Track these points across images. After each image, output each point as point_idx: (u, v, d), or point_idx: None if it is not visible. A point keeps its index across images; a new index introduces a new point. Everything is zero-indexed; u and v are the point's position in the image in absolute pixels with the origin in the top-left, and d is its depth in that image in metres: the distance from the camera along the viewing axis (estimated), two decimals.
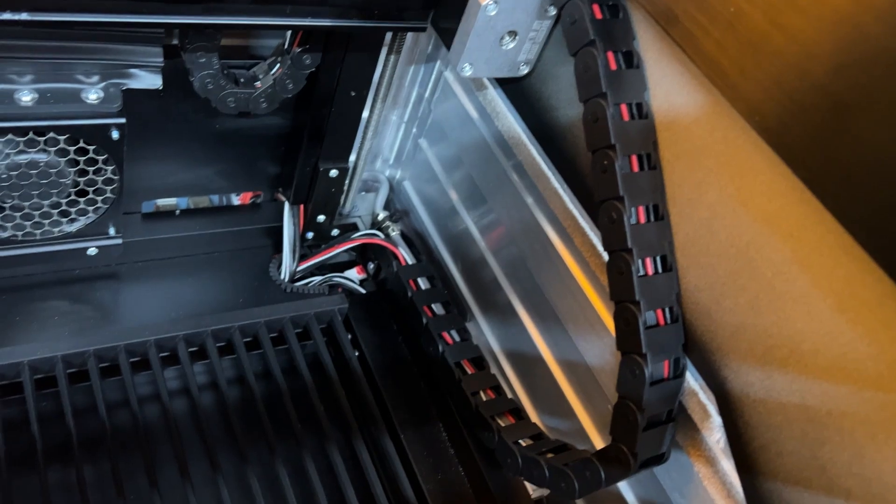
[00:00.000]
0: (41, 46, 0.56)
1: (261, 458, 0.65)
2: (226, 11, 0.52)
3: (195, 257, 0.78)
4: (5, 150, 0.59)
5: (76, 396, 0.64)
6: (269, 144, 0.74)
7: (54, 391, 0.64)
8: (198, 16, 0.51)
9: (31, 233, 0.66)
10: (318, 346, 0.74)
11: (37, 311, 0.69)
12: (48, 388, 0.64)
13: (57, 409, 0.63)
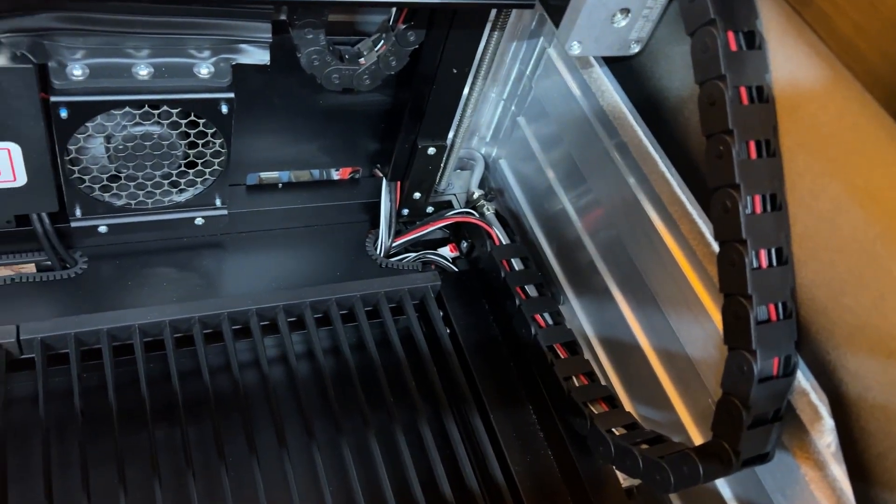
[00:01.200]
0: (158, 22, 0.57)
1: (354, 428, 0.67)
2: None
3: (295, 230, 0.80)
4: (122, 122, 0.61)
5: (181, 360, 0.67)
6: (370, 121, 0.75)
7: (162, 354, 0.67)
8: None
9: (144, 202, 0.69)
10: (411, 321, 0.75)
11: (147, 276, 0.72)
12: (156, 351, 0.67)
13: (164, 371, 0.66)
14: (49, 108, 0.57)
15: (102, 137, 0.62)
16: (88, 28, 0.55)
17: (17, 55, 0.54)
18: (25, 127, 0.58)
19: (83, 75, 0.57)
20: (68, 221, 0.67)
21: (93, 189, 0.66)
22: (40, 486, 0.57)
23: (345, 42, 0.66)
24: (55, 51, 0.56)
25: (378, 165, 0.80)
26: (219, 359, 0.69)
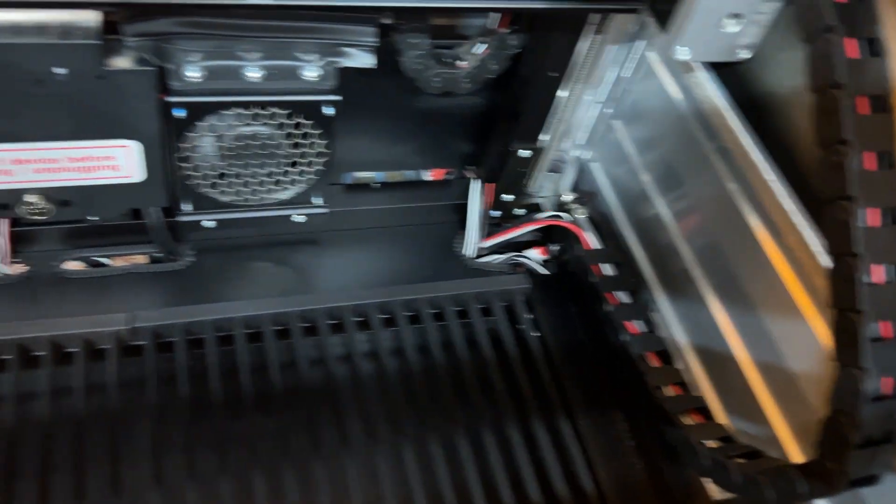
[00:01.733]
0: (269, 26, 0.59)
1: (441, 427, 0.67)
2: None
3: (387, 229, 0.82)
4: (233, 122, 0.64)
5: (279, 352, 0.69)
6: (464, 123, 0.76)
7: (260, 346, 0.69)
8: None
9: (248, 199, 0.71)
10: (500, 323, 0.75)
11: (248, 270, 0.75)
12: (255, 342, 0.70)
13: (262, 362, 0.68)
14: (166, 108, 0.60)
15: (213, 137, 0.65)
16: (206, 32, 0.58)
17: (139, 58, 0.57)
18: (144, 126, 0.61)
19: (199, 77, 0.60)
20: (177, 216, 0.70)
21: (201, 185, 0.69)
22: (149, 466, 0.60)
23: (444, 45, 0.67)
24: (173, 54, 0.59)
25: (470, 167, 0.80)
26: (314, 352, 0.71)
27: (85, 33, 0.54)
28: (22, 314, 0.66)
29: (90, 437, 0.60)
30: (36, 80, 0.55)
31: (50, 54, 0.54)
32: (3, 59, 0.53)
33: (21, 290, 0.68)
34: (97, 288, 0.70)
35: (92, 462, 0.59)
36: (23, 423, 0.60)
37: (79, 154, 0.61)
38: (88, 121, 0.59)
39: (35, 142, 0.59)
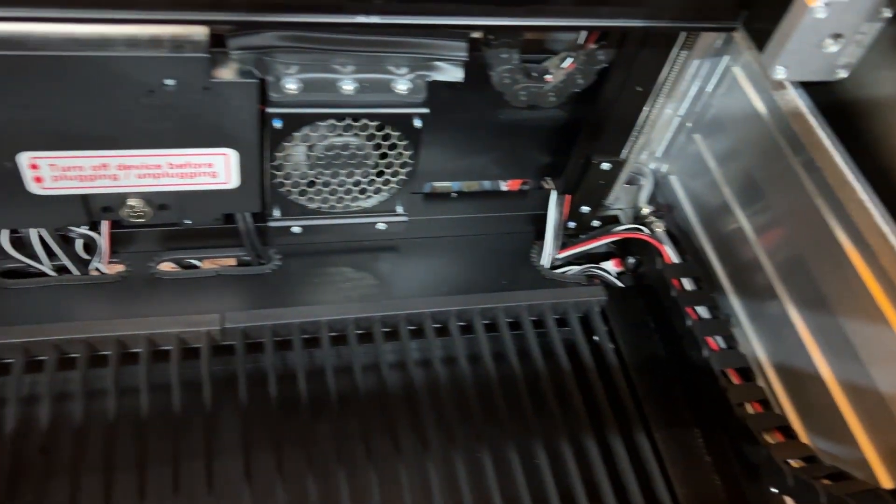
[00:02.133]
0: (364, 41, 0.61)
1: (519, 435, 0.68)
2: (548, 13, 0.54)
3: (463, 238, 0.83)
4: (325, 132, 0.66)
5: (362, 355, 0.71)
6: (545, 135, 0.76)
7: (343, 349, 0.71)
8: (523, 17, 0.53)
9: (334, 206, 0.74)
10: (576, 334, 0.76)
11: (331, 275, 0.77)
12: (339, 345, 0.72)
13: (346, 364, 0.70)
14: (265, 118, 0.63)
15: (305, 146, 0.67)
16: (306, 46, 0.60)
17: (242, 70, 0.60)
18: (243, 135, 0.64)
19: (296, 89, 0.62)
20: (267, 221, 0.73)
21: (291, 193, 0.71)
22: (239, 462, 0.62)
23: (531, 60, 0.68)
24: (273, 67, 0.61)
25: (548, 178, 0.81)
26: (394, 356, 0.72)
27: (195, 47, 0.57)
28: (119, 312, 0.69)
29: (184, 432, 0.63)
30: (147, 91, 0.58)
31: (162, 66, 0.56)
32: (119, 70, 0.56)
33: (118, 289, 0.72)
34: (188, 289, 0.73)
35: (186, 456, 0.62)
36: (122, 417, 0.63)
37: (180, 161, 0.64)
38: (192, 129, 0.62)
39: (141, 149, 0.62)
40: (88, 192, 0.64)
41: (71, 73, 0.55)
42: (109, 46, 0.55)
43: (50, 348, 0.65)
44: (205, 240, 0.75)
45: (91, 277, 0.72)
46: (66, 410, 0.63)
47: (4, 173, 0.61)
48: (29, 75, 0.54)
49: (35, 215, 0.65)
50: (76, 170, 0.62)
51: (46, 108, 0.57)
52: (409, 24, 0.52)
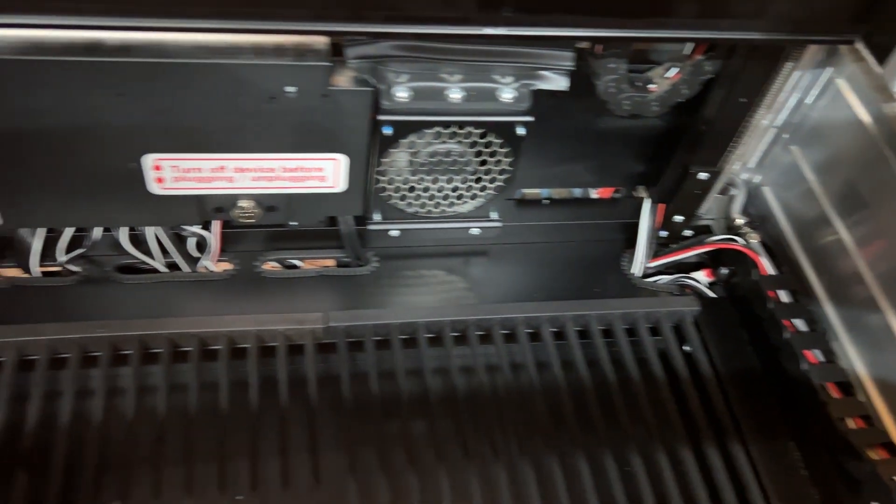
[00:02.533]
0: (473, 50, 0.63)
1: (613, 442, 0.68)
2: (669, 26, 0.54)
3: (553, 244, 0.84)
4: (430, 139, 0.68)
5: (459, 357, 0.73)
6: (641, 144, 0.77)
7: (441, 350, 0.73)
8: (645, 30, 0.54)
9: (431, 211, 0.75)
10: (669, 344, 0.76)
11: (426, 278, 0.79)
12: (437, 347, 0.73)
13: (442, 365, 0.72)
14: (376, 125, 0.65)
15: (409, 152, 0.69)
16: (419, 56, 0.62)
17: (358, 78, 0.62)
18: (354, 141, 0.66)
19: (406, 98, 0.64)
20: (367, 224, 0.75)
21: (392, 197, 0.73)
22: (343, 456, 0.64)
23: (635, 69, 0.68)
24: (386, 75, 0.63)
25: (640, 186, 0.81)
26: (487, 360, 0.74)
27: (316, 56, 0.59)
28: (227, 309, 0.72)
29: (292, 425, 0.65)
30: (269, 98, 0.60)
31: (285, 74, 0.59)
32: (245, 77, 0.58)
33: (225, 286, 0.75)
34: (292, 288, 0.75)
35: (295, 449, 0.64)
36: (233, 409, 0.66)
37: (293, 165, 0.67)
38: (307, 135, 0.64)
39: (257, 152, 0.65)
40: (204, 192, 0.67)
41: (201, 79, 0.58)
42: (237, 54, 0.58)
43: (164, 342, 0.68)
44: (307, 241, 0.78)
45: (200, 275, 0.75)
46: (179, 401, 0.66)
47: (129, 174, 0.64)
48: (163, 81, 0.57)
49: (154, 214, 0.68)
50: (195, 171, 0.65)
51: (175, 112, 0.60)
52: (534, 36, 0.53)
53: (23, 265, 0.71)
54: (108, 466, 0.62)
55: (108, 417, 0.64)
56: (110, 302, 0.71)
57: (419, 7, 0.50)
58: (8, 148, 0.60)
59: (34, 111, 0.58)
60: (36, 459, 0.61)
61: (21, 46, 0.55)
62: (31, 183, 0.63)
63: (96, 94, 0.57)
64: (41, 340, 0.66)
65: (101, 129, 0.60)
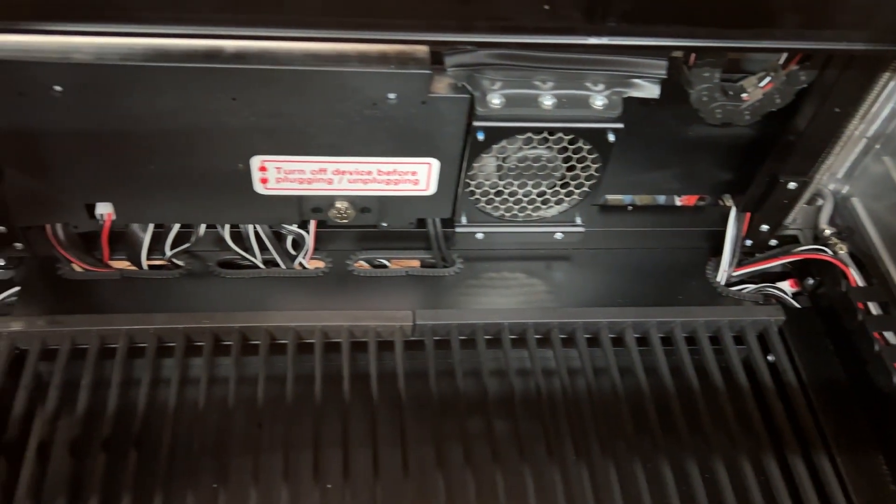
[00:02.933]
0: (567, 59, 0.64)
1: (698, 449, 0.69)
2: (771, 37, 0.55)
3: (636, 251, 0.84)
4: (521, 145, 0.70)
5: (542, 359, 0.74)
6: (729, 152, 0.77)
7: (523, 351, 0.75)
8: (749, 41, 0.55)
9: (516, 214, 0.77)
10: (753, 353, 0.76)
11: (508, 280, 0.81)
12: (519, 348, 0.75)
13: (525, 366, 0.74)
14: (469, 131, 0.67)
15: (499, 157, 0.71)
16: (514, 64, 0.63)
17: (454, 85, 0.64)
18: (448, 146, 0.68)
19: (500, 104, 0.65)
20: (453, 226, 0.77)
21: (479, 201, 0.75)
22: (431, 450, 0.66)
23: (727, 78, 0.68)
24: (481, 83, 0.65)
25: (726, 195, 0.81)
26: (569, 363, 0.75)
27: (419, 64, 0.61)
28: (321, 305, 0.75)
29: (382, 419, 0.68)
30: (371, 104, 0.63)
31: (388, 81, 0.61)
32: (350, 84, 0.61)
33: (318, 283, 0.78)
34: (381, 286, 0.78)
35: (385, 442, 0.66)
36: (326, 400, 0.68)
37: (388, 168, 0.69)
38: (404, 140, 0.67)
39: (355, 156, 0.68)
40: (304, 193, 0.70)
41: (309, 85, 0.61)
42: (344, 62, 0.61)
43: (263, 334, 0.71)
44: (395, 241, 0.80)
45: (295, 271, 0.78)
46: (276, 391, 0.69)
47: (237, 174, 0.68)
48: (274, 86, 0.61)
49: (256, 212, 0.72)
50: (298, 173, 0.68)
51: (284, 116, 0.63)
52: (635, 46, 0.55)
53: (132, 258, 0.76)
54: (209, 451, 0.66)
55: (209, 404, 0.68)
56: (211, 295, 0.75)
57: (527, 18, 0.52)
58: (128, 148, 0.65)
59: (155, 114, 0.62)
60: (145, 440, 0.65)
61: (147, 54, 0.59)
62: (145, 181, 0.68)
63: (213, 98, 0.61)
64: (150, 329, 0.70)
65: (214, 132, 0.64)
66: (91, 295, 0.74)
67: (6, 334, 0.69)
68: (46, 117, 0.61)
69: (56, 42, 0.58)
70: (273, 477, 0.64)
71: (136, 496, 0.62)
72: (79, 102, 0.60)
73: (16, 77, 0.58)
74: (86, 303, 0.73)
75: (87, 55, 0.58)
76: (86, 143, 0.64)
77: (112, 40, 0.59)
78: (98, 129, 0.62)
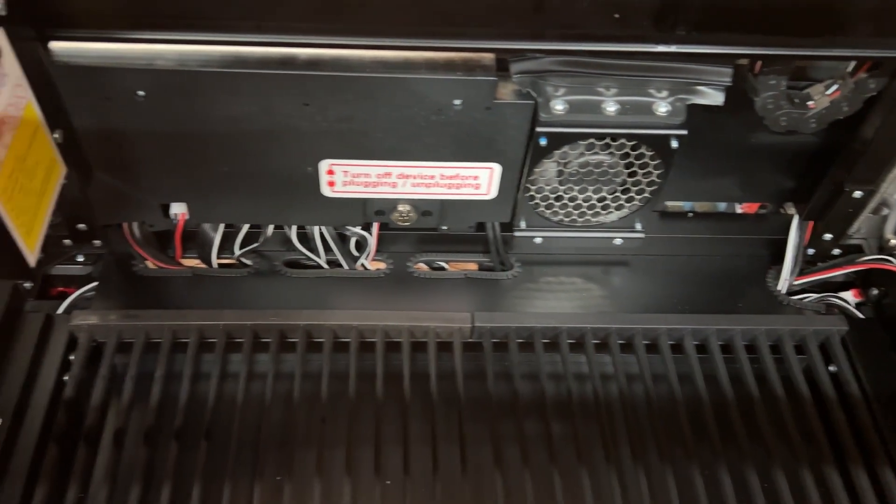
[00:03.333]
0: (632, 66, 0.65)
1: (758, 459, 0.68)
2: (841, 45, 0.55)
3: (696, 257, 0.84)
4: (583, 150, 0.70)
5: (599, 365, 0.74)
6: (793, 160, 0.76)
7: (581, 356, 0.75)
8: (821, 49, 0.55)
9: (575, 220, 0.78)
10: (815, 363, 0.75)
11: (566, 285, 0.81)
12: (577, 353, 0.76)
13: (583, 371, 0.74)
14: (532, 136, 0.68)
15: (560, 162, 0.72)
16: (579, 71, 0.64)
17: (518, 91, 0.65)
18: (511, 151, 0.69)
19: (563, 110, 0.66)
20: (512, 231, 0.78)
21: (539, 205, 0.76)
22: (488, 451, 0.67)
23: (793, 86, 0.68)
24: (545, 89, 0.66)
25: (789, 203, 0.81)
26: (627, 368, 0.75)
27: (485, 71, 0.63)
28: (382, 305, 0.77)
29: (441, 418, 0.69)
30: (437, 110, 0.65)
31: (454, 88, 0.63)
32: (418, 90, 0.63)
33: (380, 284, 0.80)
34: (440, 288, 0.79)
35: (443, 440, 0.68)
36: (387, 398, 0.70)
37: (451, 172, 0.71)
38: (467, 145, 0.68)
39: (419, 160, 0.70)
40: (369, 196, 0.72)
41: (379, 91, 0.63)
42: (412, 69, 0.62)
43: (327, 332, 0.73)
44: (454, 244, 0.82)
45: (358, 272, 0.80)
46: (340, 387, 0.71)
47: (305, 177, 0.70)
48: (345, 92, 0.63)
49: (323, 214, 0.74)
50: (364, 177, 0.70)
51: (352, 121, 0.65)
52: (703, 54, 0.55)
53: (203, 257, 0.79)
54: (274, 444, 0.68)
55: (275, 398, 0.70)
56: (278, 293, 0.78)
57: (597, 26, 0.53)
58: (204, 150, 0.67)
59: (231, 118, 0.64)
60: (214, 432, 0.68)
61: (225, 60, 0.61)
62: (218, 182, 0.70)
63: (286, 103, 0.63)
64: (219, 325, 0.73)
65: (286, 136, 0.66)
66: (164, 291, 0.77)
67: (85, 327, 0.72)
68: (130, 121, 0.64)
69: (140, 49, 0.61)
70: (335, 471, 0.66)
71: (205, 485, 0.64)
72: (160, 107, 0.63)
73: (103, 82, 0.61)
74: (159, 299, 0.77)
75: (170, 62, 0.61)
76: (165, 146, 0.67)
77: (191, 48, 0.61)
78: (177, 132, 0.65)
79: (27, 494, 0.63)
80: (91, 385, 0.70)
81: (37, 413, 0.68)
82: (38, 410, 0.68)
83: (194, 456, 0.66)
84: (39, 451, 0.66)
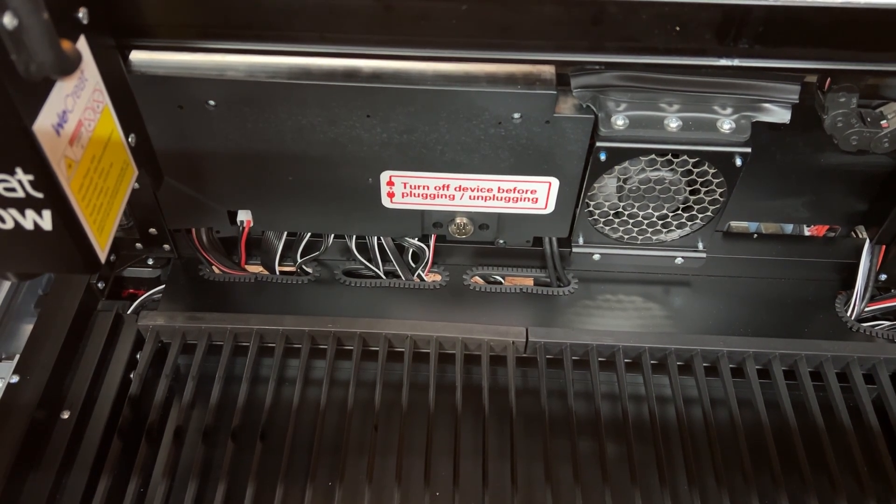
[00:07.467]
0: (695, 81, 0.64)
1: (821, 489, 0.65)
2: None
3: (761, 280, 0.82)
4: (644, 167, 0.70)
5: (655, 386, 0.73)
6: (864, 181, 0.74)
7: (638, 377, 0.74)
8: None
9: (635, 237, 0.77)
10: (885, 393, 0.71)
11: (624, 303, 0.80)
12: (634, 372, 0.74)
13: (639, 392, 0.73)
14: (591, 151, 0.67)
15: (620, 178, 0.71)
16: (638, 86, 0.64)
17: (578, 105, 0.65)
18: (569, 165, 0.69)
19: (624, 125, 0.66)
20: (570, 246, 0.78)
21: (598, 221, 0.75)
22: (539, 466, 0.67)
23: (865, 105, 0.66)
24: (605, 104, 0.66)
25: (860, 226, 0.78)
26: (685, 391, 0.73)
27: (545, 84, 0.63)
28: (436, 316, 0.78)
29: (492, 431, 0.69)
30: (496, 123, 0.65)
31: (514, 101, 0.63)
32: (478, 103, 0.64)
33: (435, 295, 0.80)
34: (495, 302, 0.79)
35: (494, 454, 0.68)
36: (438, 408, 0.70)
37: (509, 186, 0.71)
38: (525, 159, 0.68)
39: (477, 173, 0.70)
40: (427, 208, 0.73)
41: (440, 104, 0.64)
42: (473, 82, 0.63)
43: (382, 340, 0.74)
44: (510, 258, 0.82)
45: (414, 283, 0.81)
46: (393, 395, 0.72)
47: (367, 188, 0.71)
48: (406, 105, 0.64)
49: (382, 225, 0.76)
50: (423, 188, 0.71)
51: (413, 133, 0.66)
52: (766, 68, 0.54)
53: (266, 264, 0.81)
54: (327, 448, 0.69)
55: (330, 404, 0.71)
56: (336, 301, 0.79)
57: (657, 39, 0.52)
58: (270, 159, 0.70)
59: (296, 128, 0.66)
60: (269, 434, 0.69)
61: (292, 72, 0.63)
62: (283, 191, 0.72)
63: (349, 114, 0.65)
64: (279, 330, 0.75)
65: (349, 147, 0.67)
66: (228, 296, 0.80)
67: (152, 327, 0.75)
68: (200, 129, 0.67)
69: (212, 61, 0.64)
70: (386, 479, 0.67)
71: (259, 486, 0.66)
72: (230, 116, 0.66)
73: (176, 91, 0.64)
74: (223, 303, 0.79)
75: (240, 72, 0.63)
76: (233, 154, 0.69)
77: (260, 60, 0.64)
78: (245, 140, 0.68)
79: (91, 485, 0.66)
80: (155, 383, 0.73)
81: (103, 407, 0.71)
82: (104, 405, 0.71)
83: (249, 456, 0.67)
84: (104, 444, 0.69)
